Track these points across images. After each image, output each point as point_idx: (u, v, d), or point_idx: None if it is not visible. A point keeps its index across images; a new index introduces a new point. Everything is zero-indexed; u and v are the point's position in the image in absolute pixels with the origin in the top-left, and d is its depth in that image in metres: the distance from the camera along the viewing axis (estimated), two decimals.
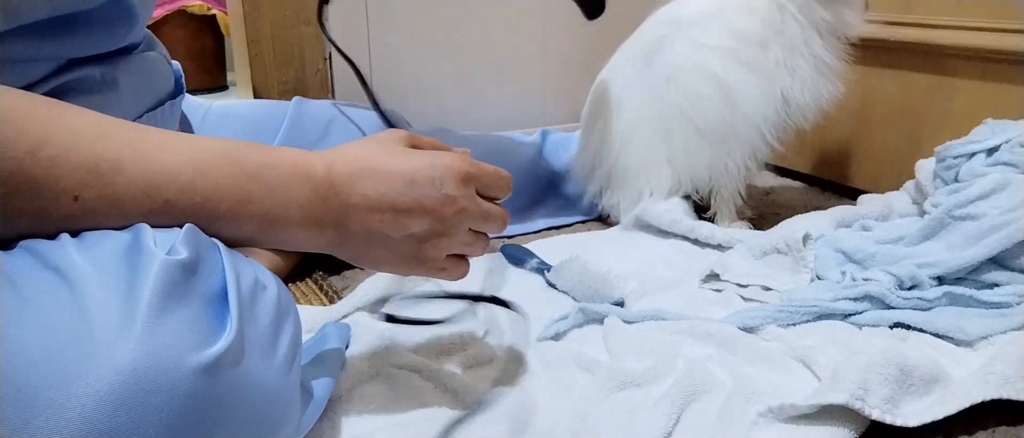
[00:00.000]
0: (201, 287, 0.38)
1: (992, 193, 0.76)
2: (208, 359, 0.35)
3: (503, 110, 1.27)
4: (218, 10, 1.82)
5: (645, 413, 0.57)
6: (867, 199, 0.97)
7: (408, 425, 0.56)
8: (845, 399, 0.54)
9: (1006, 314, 0.69)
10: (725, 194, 0.99)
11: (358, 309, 0.74)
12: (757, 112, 0.93)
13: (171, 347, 0.35)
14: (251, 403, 0.38)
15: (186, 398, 0.34)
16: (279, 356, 0.41)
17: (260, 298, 0.42)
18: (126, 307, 0.35)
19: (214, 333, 0.37)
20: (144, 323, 0.34)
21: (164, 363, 0.34)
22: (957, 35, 0.99)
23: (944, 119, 1.02)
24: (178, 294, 0.37)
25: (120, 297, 0.35)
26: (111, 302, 0.35)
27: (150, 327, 0.34)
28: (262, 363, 0.39)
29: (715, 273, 0.81)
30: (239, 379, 0.37)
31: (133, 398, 0.33)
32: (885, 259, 0.77)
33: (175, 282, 0.37)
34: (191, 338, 0.36)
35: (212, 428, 0.36)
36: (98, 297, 0.35)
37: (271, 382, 0.40)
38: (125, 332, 0.34)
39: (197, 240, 0.40)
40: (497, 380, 0.63)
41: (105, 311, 0.34)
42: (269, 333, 0.41)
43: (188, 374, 0.34)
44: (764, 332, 0.70)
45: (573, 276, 0.78)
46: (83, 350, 0.33)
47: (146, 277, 0.36)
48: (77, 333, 0.33)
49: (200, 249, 0.40)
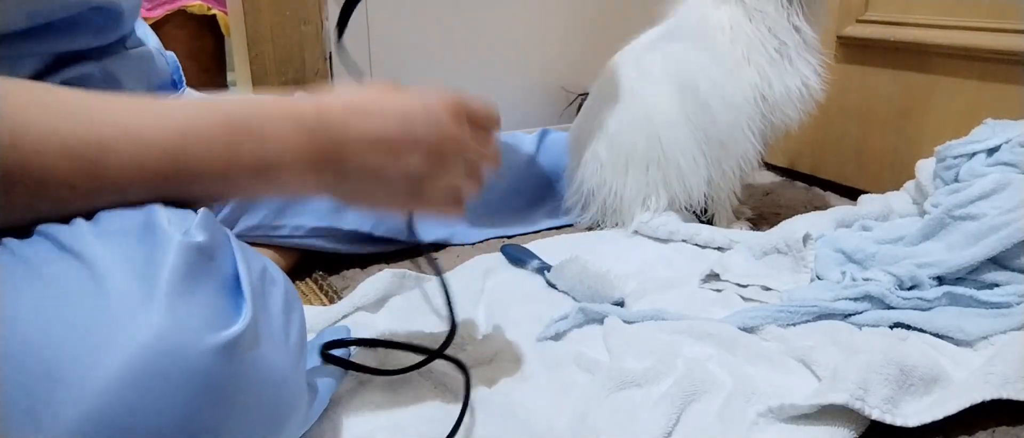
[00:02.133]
0: (217, 271, 0.39)
1: (992, 193, 0.76)
2: (226, 339, 0.36)
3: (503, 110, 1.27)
4: (218, 10, 1.82)
5: (645, 413, 0.57)
6: (867, 199, 0.97)
7: (408, 425, 0.56)
8: (845, 399, 0.54)
9: (1006, 314, 0.69)
10: (721, 197, 0.99)
11: (358, 309, 0.74)
12: (741, 116, 0.93)
13: (190, 327, 0.35)
14: (265, 386, 0.38)
15: (204, 376, 0.35)
16: (290, 343, 0.42)
17: (270, 288, 0.42)
18: (145, 287, 0.35)
19: (231, 316, 0.37)
20: (163, 302, 0.35)
21: (183, 341, 0.34)
22: (957, 35, 0.99)
23: (944, 119, 1.02)
24: (195, 276, 0.37)
25: (138, 277, 0.35)
26: (130, 282, 0.35)
27: (169, 306, 0.35)
28: (275, 349, 0.40)
29: (715, 273, 0.81)
30: (254, 362, 0.37)
31: (152, 375, 0.33)
32: (885, 259, 0.77)
33: (192, 264, 0.37)
34: (209, 319, 0.36)
35: (228, 408, 0.36)
36: (117, 278, 0.35)
37: (283, 368, 0.40)
38: (144, 311, 0.34)
39: (213, 226, 0.40)
40: (497, 380, 0.63)
41: (124, 291, 0.35)
42: (280, 321, 0.42)
43: (206, 353, 0.35)
44: (764, 332, 0.70)
45: (573, 276, 0.78)
46: (103, 328, 0.33)
47: (164, 257, 0.36)
48: (97, 312, 0.34)
49: (215, 234, 0.40)
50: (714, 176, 0.96)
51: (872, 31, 1.07)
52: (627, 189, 0.96)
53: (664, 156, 0.94)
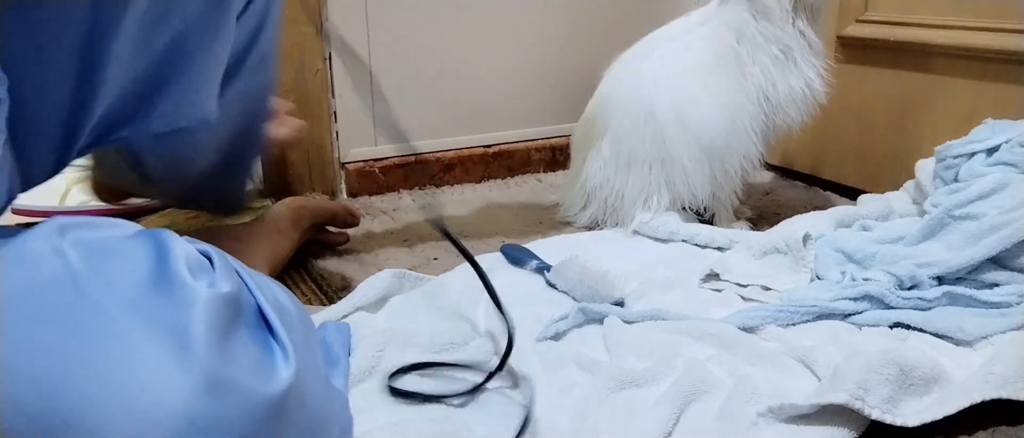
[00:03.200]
0: (245, 318, 0.37)
1: (992, 193, 0.76)
2: (277, 390, 0.35)
3: (504, 109, 1.27)
4: None
5: (645, 413, 0.57)
6: (867, 199, 0.97)
7: (408, 425, 0.56)
8: (845, 399, 0.54)
9: (1006, 314, 0.69)
10: (722, 197, 0.99)
11: (358, 309, 0.74)
12: (745, 117, 0.93)
13: (237, 385, 0.33)
14: (310, 420, 0.38)
15: (260, 428, 0.33)
16: (318, 367, 0.41)
17: (289, 320, 0.41)
18: (181, 350, 0.33)
19: (269, 362, 0.36)
20: (202, 363, 0.33)
21: (234, 400, 0.33)
22: (957, 35, 0.99)
23: (944, 119, 1.02)
24: (230, 329, 0.35)
25: (172, 338, 0.33)
26: (164, 344, 0.32)
27: (211, 367, 0.33)
28: (314, 382, 0.39)
29: (715, 273, 0.81)
30: (300, 400, 0.36)
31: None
32: (885, 259, 0.77)
33: (225, 317, 0.35)
34: (253, 372, 0.35)
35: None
36: (146, 339, 0.32)
37: (320, 394, 0.40)
38: (183, 374, 0.32)
39: (230, 267, 0.39)
40: (497, 379, 0.63)
41: (159, 355, 0.32)
42: (306, 348, 0.40)
43: (259, 406, 0.34)
44: (764, 332, 0.70)
45: (573, 276, 0.78)
46: (139, 392, 0.31)
47: (192, 312, 0.34)
48: (132, 371, 0.32)
49: (234, 277, 0.38)
50: (717, 175, 0.96)
51: (872, 31, 1.07)
52: (629, 188, 0.97)
53: (668, 155, 0.94)
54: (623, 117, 0.96)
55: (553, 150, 1.31)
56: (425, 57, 1.19)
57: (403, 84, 1.18)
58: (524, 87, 1.28)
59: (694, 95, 0.94)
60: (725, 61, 0.93)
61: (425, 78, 1.20)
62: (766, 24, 0.92)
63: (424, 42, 1.18)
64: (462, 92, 1.24)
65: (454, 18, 1.19)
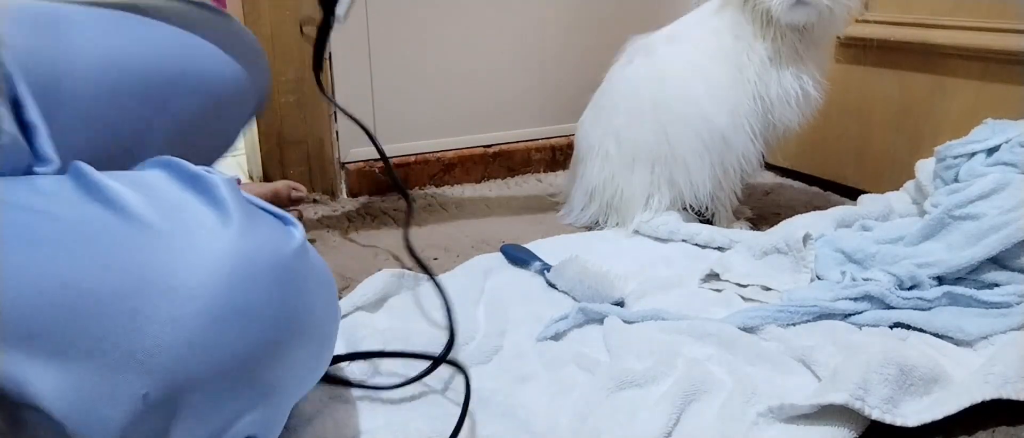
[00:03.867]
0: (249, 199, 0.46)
1: (992, 193, 0.76)
2: (298, 243, 0.45)
3: (504, 108, 1.27)
4: None
5: (645, 413, 0.57)
6: (867, 199, 0.97)
7: (408, 425, 0.56)
8: (845, 399, 0.54)
9: (1006, 314, 0.69)
10: (721, 196, 0.99)
11: (358, 309, 0.74)
12: (744, 113, 0.93)
13: (267, 238, 0.43)
14: (323, 275, 0.48)
15: (288, 272, 0.43)
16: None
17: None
18: (219, 214, 0.42)
19: (281, 226, 0.45)
20: (240, 224, 0.42)
21: (266, 250, 0.42)
22: (957, 35, 0.99)
23: (944, 119, 1.02)
24: (244, 201, 0.44)
25: (209, 207, 0.42)
26: (207, 212, 0.41)
27: (246, 226, 0.42)
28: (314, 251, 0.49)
29: (715, 273, 0.81)
30: (315, 258, 0.47)
31: (246, 277, 0.40)
32: (885, 259, 0.77)
33: (239, 193, 0.44)
34: (276, 231, 0.44)
35: (309, 295, 0.45)
36: (191, 211, 0.41)
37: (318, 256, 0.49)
38: (226, 231, 0.41)
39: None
40: (497, 380, 0.63)
41: (205, 220, 0.41)
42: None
43: (287, 255, 0.43)
44: (764, 332, 0.70)
45: (573, 276, 0.78)
46: (192, 250, 0.40)
47: (217, 191, 0.43)
48: (184, 237, 0.40)
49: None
50: (718, 174, 0.96)
51: (872, 31, 1.07)
52: (631, 187, 0.97)
53: (672, 153, 0.94)
54: (627, 115, 0.96)
55: (553, 150, 1.31)
56: (425, 57, 1.19)
57: (403, 84, 1.18)
58: (524, 87, 1.28)
59: (696, 90, 0.94)
60: (724, 59, 0.94)
61: (425, 78, 1.20)
62: (757, 27, 0.92)
63: (424, 42, 1.18)
64: (462, 92, 1.24)
65: (454, 18, 1.19)
